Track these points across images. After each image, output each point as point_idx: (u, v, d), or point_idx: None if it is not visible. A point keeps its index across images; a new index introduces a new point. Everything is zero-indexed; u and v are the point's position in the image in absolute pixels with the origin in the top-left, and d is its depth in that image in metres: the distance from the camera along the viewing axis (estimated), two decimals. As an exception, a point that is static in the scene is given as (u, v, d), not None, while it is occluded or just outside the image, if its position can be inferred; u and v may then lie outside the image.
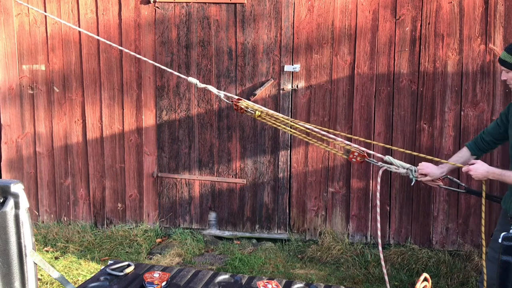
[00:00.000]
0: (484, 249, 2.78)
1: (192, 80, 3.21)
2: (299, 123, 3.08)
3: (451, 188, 3.15)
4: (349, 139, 4.14)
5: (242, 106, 3.09)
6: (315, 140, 3.18)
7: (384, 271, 2.36)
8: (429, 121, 4.45)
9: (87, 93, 4.99)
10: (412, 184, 2.95)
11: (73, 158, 5.10)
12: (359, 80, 4.52)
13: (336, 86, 4.57)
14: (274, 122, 3.16)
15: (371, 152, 3.01)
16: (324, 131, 2.97)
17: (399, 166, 2.93)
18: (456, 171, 4.19)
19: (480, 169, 2.78)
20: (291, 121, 3.15)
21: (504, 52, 2.78)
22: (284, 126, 3.18)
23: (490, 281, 3.01)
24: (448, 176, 3.04)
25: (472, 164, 2.81)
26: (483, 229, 2.79)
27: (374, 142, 3.37)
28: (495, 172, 2.78)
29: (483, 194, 2.82)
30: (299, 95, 4.65)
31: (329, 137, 3.03)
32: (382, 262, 2.36)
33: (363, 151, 2.96)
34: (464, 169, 2.84)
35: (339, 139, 3.02)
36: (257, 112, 3.09)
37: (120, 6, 4.81)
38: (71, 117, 5.05)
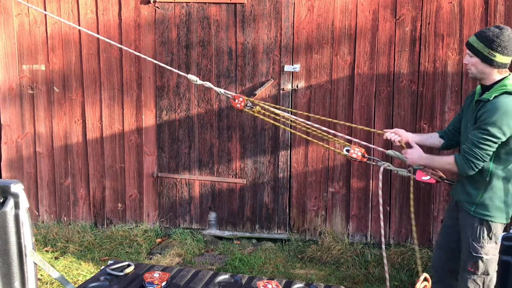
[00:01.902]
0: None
1: (192, 77, 3.21)
2: (298, 119, 3.08)
3: (449, 180, 3.15)
4: (349, 140, 4.13)
5: (243, 99, 3.11)
6: (313, 138, 3.18)
7: (386, 268, 2.37)
8: (429, 121, 4.45)
9: (87, 93, 4.98)
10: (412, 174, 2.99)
11: (73, 158, 5.10)
12: (359, 80, 4.52)
13: (336, 86, 4.57)
14: (274, 117, 3.16)
15: (371, 146, 3.03)
16: (325, 127, 2.99)
17: (401, 158, 3.02)
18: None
19: (414, 153, 2.92)
20: (292, 115, 3.16)
21: (473, 37, 2.78)
22: (284, 126, 3.18)
23: (437, 267, 3.10)
24: (445, 179, 3.06)
25: (410, 149, 2.95)
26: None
27: (378, 131, 3.37)
28: (426, 157, 2.90)
29: (412, 178, 2.95)
30: (299, 95, 4.64)
31: (329, 133, 3.05)
32: (385, 260, 2.37)
33: (362, 146, 2.99)
34: (403, 151, 3.00)
35: (340, 134, 3.04)
36: (257, 107, 3.09)
37: (120, 6, 4.81)
38: (71, 117, 5.05)
